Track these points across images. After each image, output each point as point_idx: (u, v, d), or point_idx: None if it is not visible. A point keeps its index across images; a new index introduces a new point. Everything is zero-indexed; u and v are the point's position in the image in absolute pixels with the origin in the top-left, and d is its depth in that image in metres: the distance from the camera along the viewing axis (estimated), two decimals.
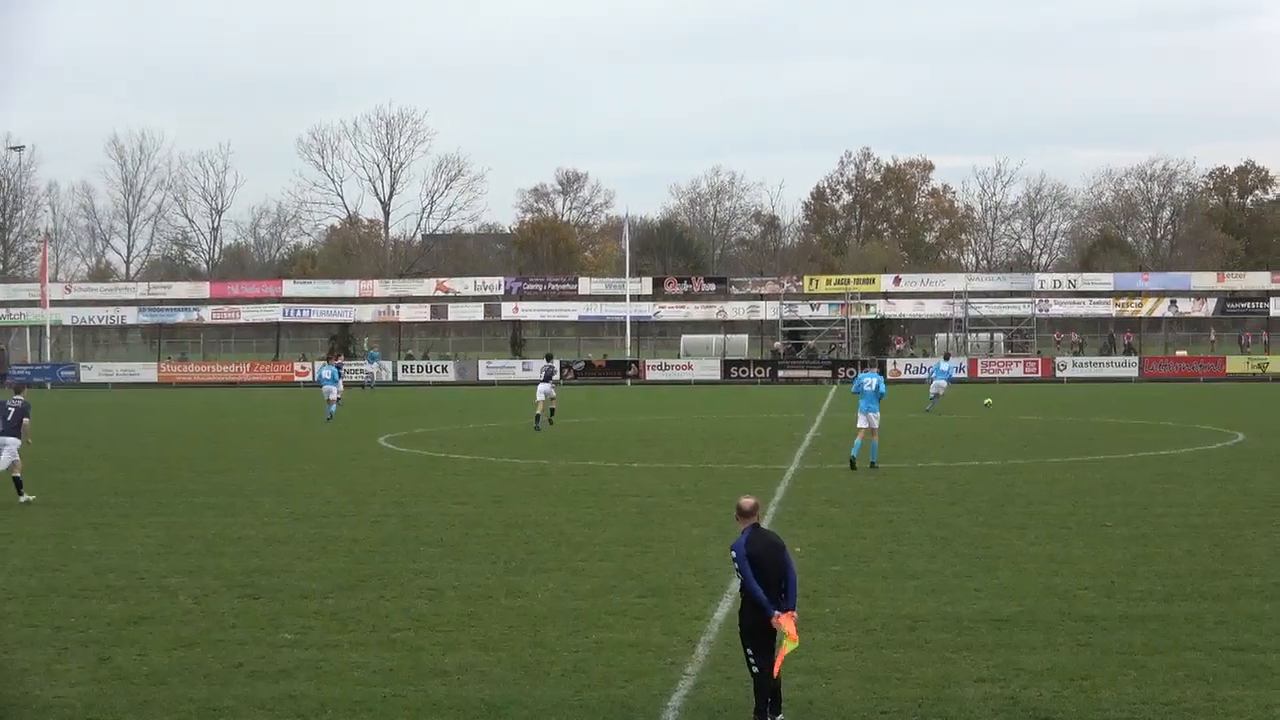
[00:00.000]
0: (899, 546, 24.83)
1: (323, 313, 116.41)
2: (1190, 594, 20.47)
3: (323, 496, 33.05)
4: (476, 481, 36.02)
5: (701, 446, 45.41)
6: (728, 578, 21.96)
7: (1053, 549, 24.13)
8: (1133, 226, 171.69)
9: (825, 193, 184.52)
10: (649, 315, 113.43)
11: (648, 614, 19.55)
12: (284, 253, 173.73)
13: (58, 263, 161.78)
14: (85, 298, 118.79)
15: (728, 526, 27.26)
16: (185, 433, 54.90)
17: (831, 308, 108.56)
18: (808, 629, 18.42)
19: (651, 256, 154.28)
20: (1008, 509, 29.60)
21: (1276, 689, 15.66)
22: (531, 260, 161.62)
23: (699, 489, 33.71)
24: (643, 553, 24.55)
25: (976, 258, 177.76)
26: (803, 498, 31.78)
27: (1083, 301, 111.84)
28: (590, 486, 34.50)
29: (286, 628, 19.04)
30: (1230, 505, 29.84)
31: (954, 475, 36.06)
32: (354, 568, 23.43)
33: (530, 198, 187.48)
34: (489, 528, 27.75)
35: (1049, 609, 19.43)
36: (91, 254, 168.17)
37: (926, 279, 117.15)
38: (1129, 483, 33.94)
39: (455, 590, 21.37)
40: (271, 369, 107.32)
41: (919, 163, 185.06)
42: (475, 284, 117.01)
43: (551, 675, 16.52)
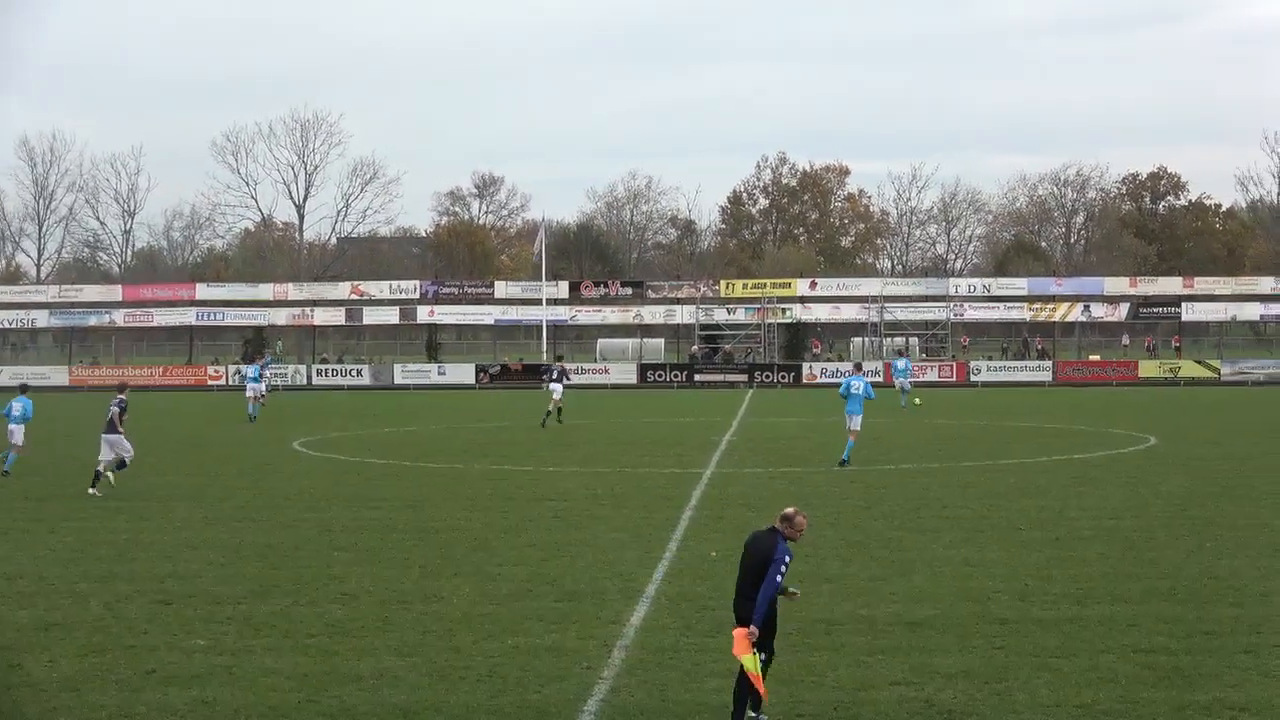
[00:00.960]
0: (814, 550, 24.87)
1: (236, 316, 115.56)
2: (1103, 597, 20.65)
3: (236, 501, 32.85)
4: (391, 486, 35.90)
5: (618, 450, 45.42)
6: (644, 581, 22.03)
7: (967, 553, 24.30)
8: (1046, 232, 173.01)
9: (742, 197, 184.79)
10: (565, 319, 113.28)
11: (564, 618, 19.54)
12: (197, 256, 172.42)
13: None
14: None
15: (645, 530, 27.41)
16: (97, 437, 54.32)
17: (748, 312, 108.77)
18: (722, 633, 18.50)
19: (568, 260, 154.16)
20: (922, 513, 29.76)
21: (1189, 690, 15.82)
22: (447, 264, 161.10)
23: (615, 493, 33.72)
24: (559, 557, 24.54)
25: (892, 262, 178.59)
26: (719, 502, 31.85)
27: (997, 306, 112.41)
28: (506, 491, 34.45)
29: (199, 634, 18.92)
30: (1142, 509, 30.11)
31: (869, 479, 36.21)
32: (268, 573, 23.31)
33: (446, 201, 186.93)
34: (404, 532, 27.67)
35: (963, 612, 19.55)
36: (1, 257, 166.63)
37: (842, 283, 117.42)
38: (1043, 486, 34.19)
39: (370, 595, 21.30)
40: (185, 373, 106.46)
41: (835, 167, 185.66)
42: (390, 287, 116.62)
43: (467, 680, 16.50)
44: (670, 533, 27.19)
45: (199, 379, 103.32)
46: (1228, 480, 35.20)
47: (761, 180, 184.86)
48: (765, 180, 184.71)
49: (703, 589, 21.38)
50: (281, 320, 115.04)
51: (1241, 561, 23.57)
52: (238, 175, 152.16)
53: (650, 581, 22.11)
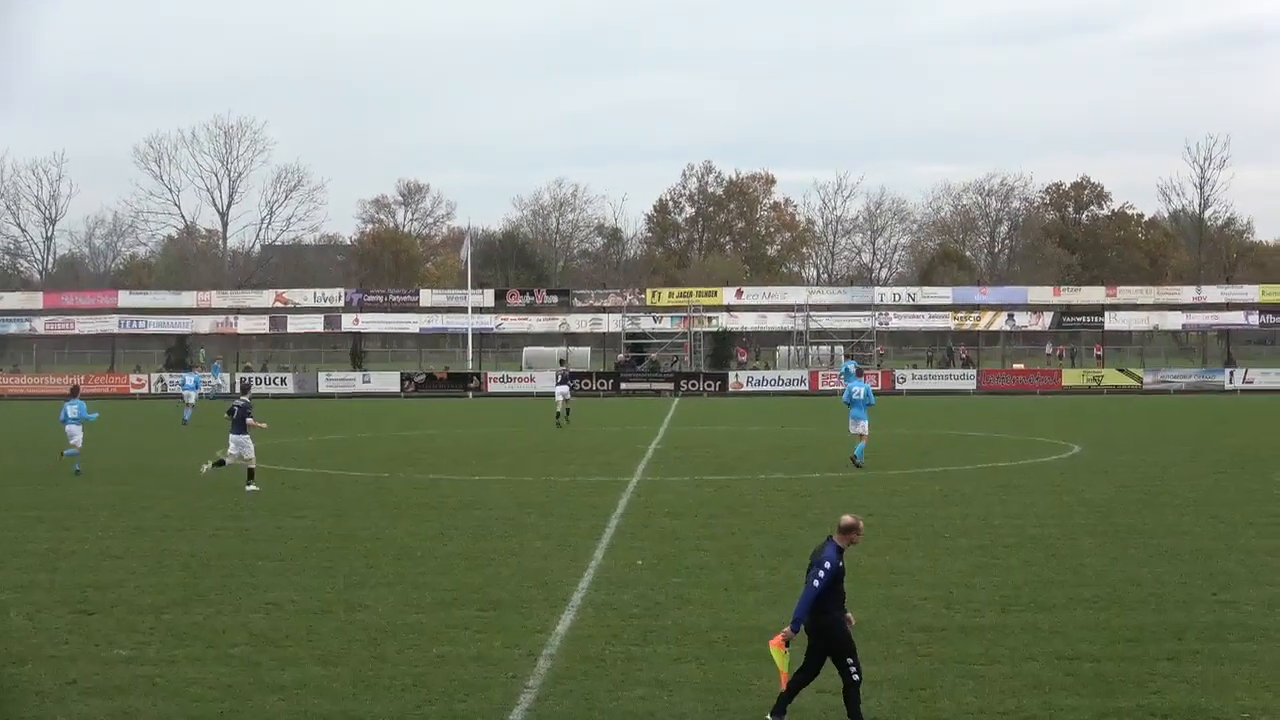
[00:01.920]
0: (741, 558, 24.95)
1: (159, 324, 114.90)
2: (1027, 604, 20.76)
3: (159, 510, 32.61)
4: (316, 495, 35.72)
5: (544, 459, 45.35)
6: (570, 590, 21.99)
7: (892, 560, 24.39)
8: (971, 241, 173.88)
9: (668, 205, 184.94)
10: (491, 327, 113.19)
11: (489, 627, 19.48)
12: (120, 263, 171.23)
13: None
14: None
15: (571, 539, 27.38)
16: (17, 445, 53.99)
17: (674, 320, 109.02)
18: (648, 641, 18.51)
19: (494, 268, 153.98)
20: None
21: (1111, 697, 15.91)
22: (372, 272, 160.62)
23: (541, 502, 33.66)
24: (484, 566, 24.47)
25: (818, 271, 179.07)
26: (645, 510, 31.83)
27: (922, 315, 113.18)
28: (431, 500, 34.34)
29: (121, 644, 18.77)
30: (1066, 516, 30.29)
31: (795, 487, 36.31)
32: (191, 582, 23.15)
33: (371, 209, 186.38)
34: (328, 542, 27.53)
35: (888, 620, 19.60)
36: None
37: (768, 292, 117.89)
38: (967, 494, 34.36)
39: (294, 605, 21.18)
40: (107, 381, 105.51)
41: (761, 176, 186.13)
42: (315, 295, 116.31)
43: (392, 689, 16.43)
44: (596, 541, 27.16)
45: (121, 387, 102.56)
46: (1150, 488, 35.45)
47: (688, 189, 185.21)
48: (691, 189, 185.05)
49: (629, 597, 21.38)
50: (205, 328, 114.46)
51: (1164, 568, 23.73)
52: (161, 182, 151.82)
53: (576, 590, 22.07)
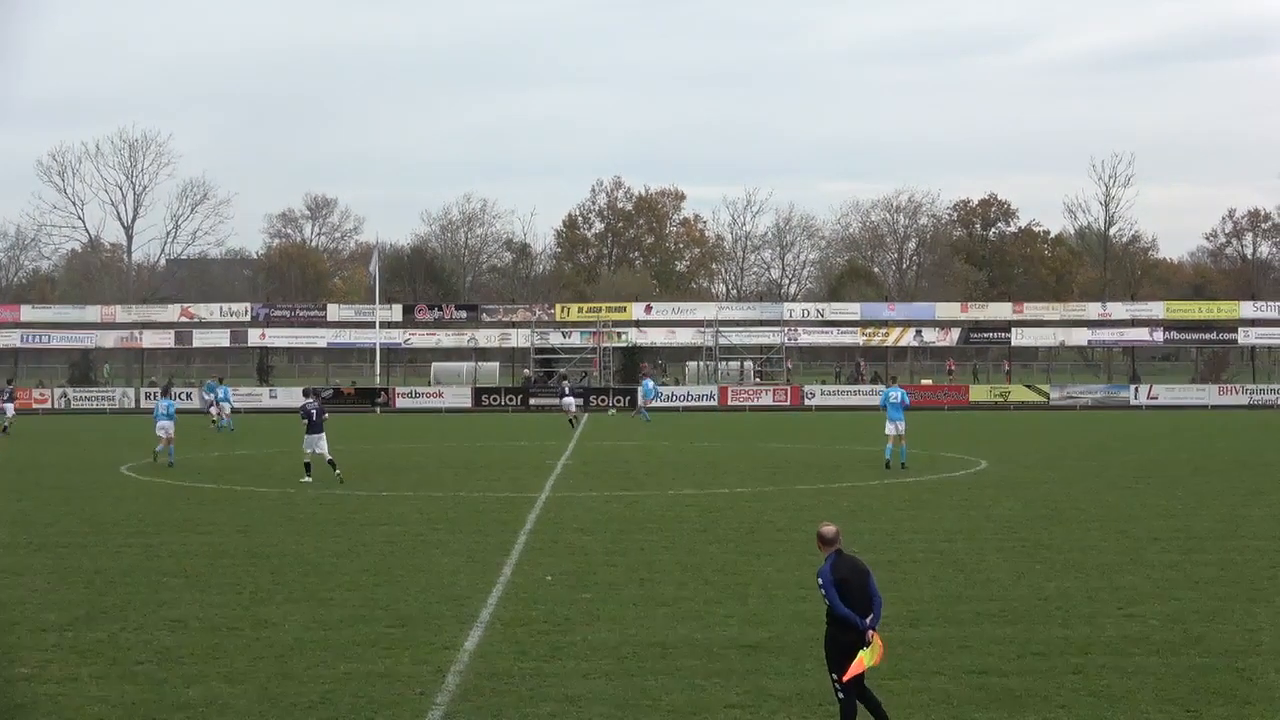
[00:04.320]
0: (650, 574, 24.98)
1: (63, 339, 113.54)
2: (935, 619, 20.88)
3: (62, 526, 32.31)
4: (221, 511, 35.47)
5: (452, 475, 45.25)
6: (478, 606, 21.93)
7: (801, 575, 24.39)
8: (879, 257, 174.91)
9: (577, 221, 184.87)
10: (399, 342, 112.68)
11: (397, 644, 19.41)
12: (22, 277, 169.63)
13: None
14: None
15: (479, 554, 27.33)
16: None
17: (584, 335, 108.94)
18: (557, 657, 18.50)
19: (402, 283, 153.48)
20: (757, 536, 29.93)
21: (1019, 711, 16.03)
22: (280, 286, 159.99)
23: (449, 517, 33.58)
24: (392, 582, 24.39)
25: (727, 287, 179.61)
26: (554, 526, 31.81)
27: (831, 331, 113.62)
28: (339, 516, 34.19)
29: (23, 661, 18.57)
30: (973, 531, 30.49)
31: (705, 502, 36.38)
32: (94, 599, 22.94)
33: (278, 223, 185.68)
34: (234, 558, 27.36)
35: (797, 635, 19.67)
36: None
37: (678, 307, 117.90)
38: (876, 510, 34.54)
39: (199, 621, 21.03)
40: None
41: (670, 192, 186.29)
42: (221, 310, 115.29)
43: (299, 707, 16.34)
44: (505, 557, 27.11)
45: (24, 402, 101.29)
46: (1057, 503, 35.74)
47: (597, 204, 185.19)
48: (601, 204, 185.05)
49: (538, 613, 21.36)
50: (110, 343, 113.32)
51: (1070, 583, 23.93)
52: (64, 195, 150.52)
53: (485, 606, 22.02)
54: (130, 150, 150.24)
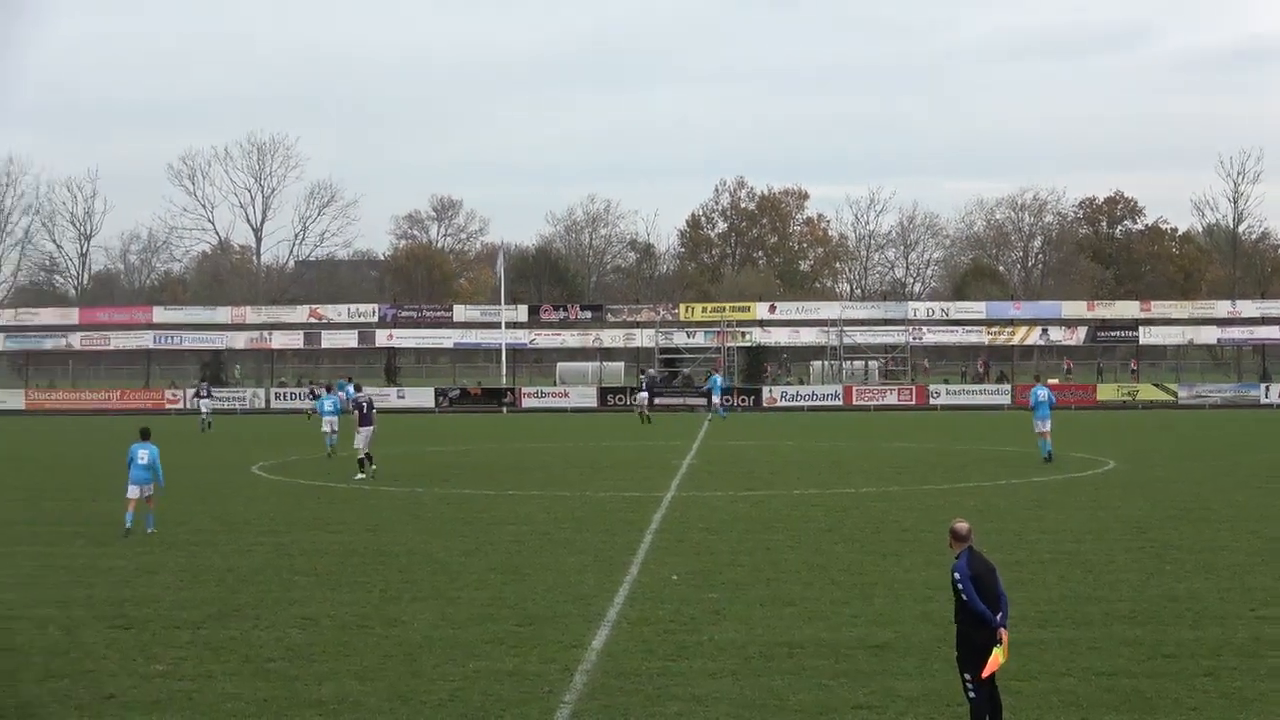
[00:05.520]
0: (776, 574, 24.91)
1: (194, 340, 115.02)
2: (1063, 620, 20.68)
3: (194, 525, 32.70)
4: (351, 510, 35.77)
5: (578, 474, 45.35)
6: (605, 605, 21.95)
7: (928, 575, 24.28)
8: (1004, 256, 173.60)
9: (700, 221, 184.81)
10: (524, 343, 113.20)
11: (524, 642, 19.48)
12: (155, 279, 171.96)
13: None
14: None
15: (606, 554, 27.34)
16: (54, 461, 54.19)
17: (707, 335, 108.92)
18: (684, 657, 18.49)
19: (527, 284, 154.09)
20: (883, 536, 29.78)
21: (1149, 714, 15.85)
22: (406, 287, 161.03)
23: (576, 517, 33.66)
24: (520, 581, 24.47)
25: (851, 286, 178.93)
26: (680, 525, 31.79)
27: (955, 330, 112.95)
28: (466, 515, 34.36)
29: (158, 659, 18.81)
30: (1102, 532, 30.17)
31: (831, 502, 36.24)
32: (227, 597, 23.20)
33: (404, 224, 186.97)
34: (364, 556, 27.57)
35: (925, 635, 19.56)
36: None
37: (801, 307, 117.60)
38: (1002, 510, 34.26)
39: (330, 619, 21.21)
40: (142, 396, 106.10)
41: (794, 191, 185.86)
42: (349, 311, 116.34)
43: (428, 705, 16.43)
44: (631, 556, 27.15)
45: (156, 402, 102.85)
46: (1186, 503, 35.31)
47: (720, 204, 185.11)
48: (724, 204, 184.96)
49: (664, 612, 21.36)
50: (239, 344, 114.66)
51: (1201, 584, 23.63)
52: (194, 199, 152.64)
53: (611, 605, 22.06)
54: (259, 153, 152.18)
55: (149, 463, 31.77)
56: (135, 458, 31.76)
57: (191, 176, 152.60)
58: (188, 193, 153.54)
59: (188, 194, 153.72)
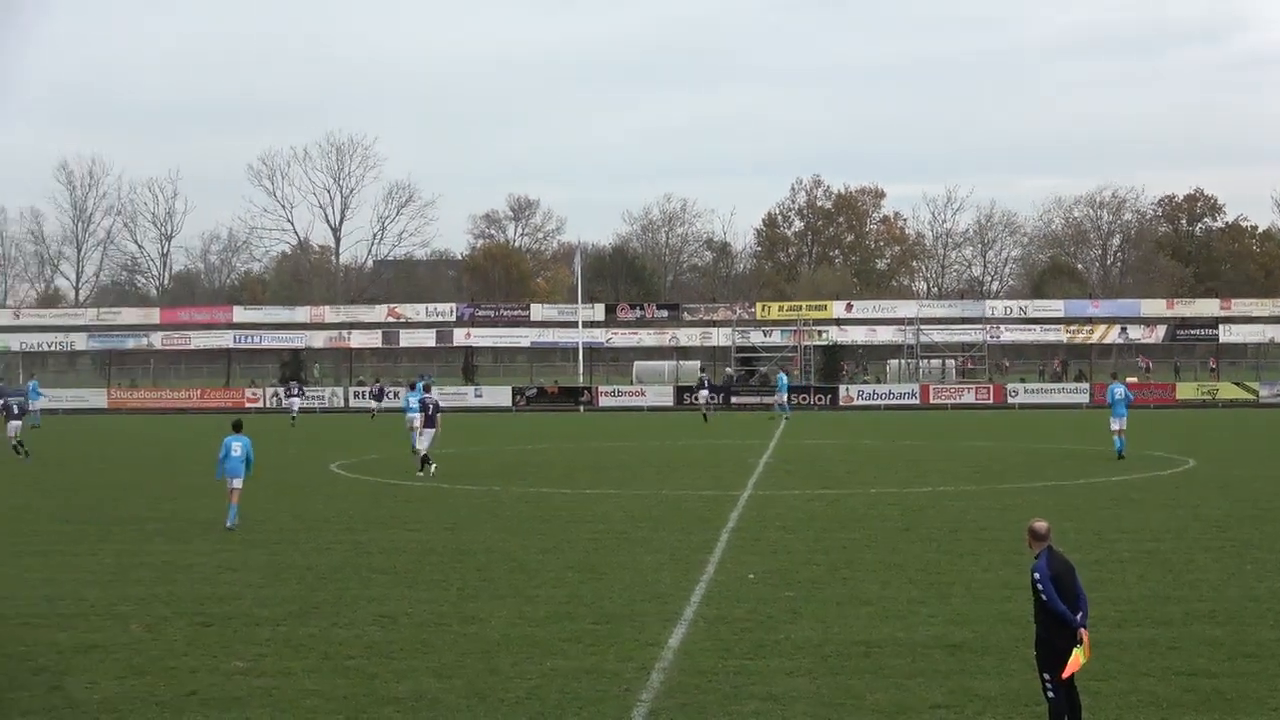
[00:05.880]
0: (853, 573, 24.85)
1: (273, 339, 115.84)
2: (1143, 620, 20.55)
3: (274, 523, 32.88)
4: (429, 508, 35.90)
5: (655, 472, 45.37)
6: (682, 604, 21.95)
7: (1006, 575, 24.16)
8: (1082, 254, 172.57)
9: (777, 219, 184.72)
10: (601, 341, 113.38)
11: (602, 641, 19.51)
12: (235, 279, 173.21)
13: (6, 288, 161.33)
14: (34, 324, 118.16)
15: (683, 552, 27.34)
16: (135, 460, 54.64)
17: (784, 334, 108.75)
18: (760, 655, 18.47)
19: (604, 283, 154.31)
20: (961, 535, 29.65)
21: (1230, 714, 15.73)
22: (483, 287, 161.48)
23: (653, 515, 33.68)
24: (597, 579, 24.50)
25: (928, 284, 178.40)
26: (756, 524, 31.76)
27: (1033, 328, 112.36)
28: (544, 513, 34.45)
29: (239, 655, 18.93)
30: (1182, 531, 29.95)
31: (907, 501, 36.12)
32: (306, 595, 23.34)
33: (482, 224, 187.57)
34: (441, 555, 27.67)
35: (1003, 635, 19.48)
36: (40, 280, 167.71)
37: (878, 305, 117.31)
38: (1081, 509, 34.04)
39: (408, 617, 21.30)
40: (222, 395, 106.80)
41: (870, 190, 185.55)
42: (427, 310, 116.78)
43: (506, 702, 16.48)
44: (708, 555, 27.14)
45: (236, 401, 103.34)
46: (1267, 502, 35.01)
47: (796, 203, 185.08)
48: (800, 203, 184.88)
49: (741, 611, 21.34)
50: (318, 343, 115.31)
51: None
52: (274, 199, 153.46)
53: (688, 604, 22.06)
54: (337, 153, 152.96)
55: (242, 454, 32.40)
56: (229, 450, 32.45)
57: (271, 177, 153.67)
58: (267, 193, 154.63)
59: (267, 194, 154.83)
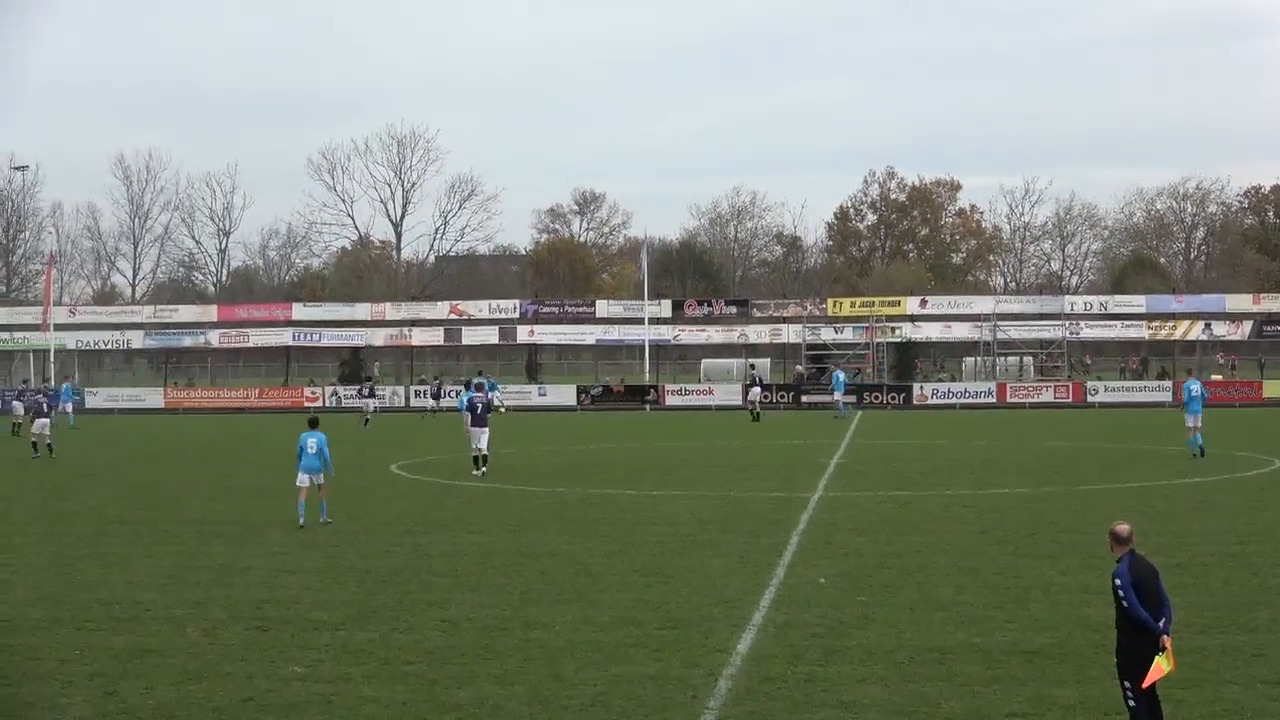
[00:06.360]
0: (927, 577, 24.76)
1: (333, 336, 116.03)
2: (1228, 626, 20.39)
3: (333, 525, 32.98)
4: (491, 510, 35.98)
5: (723, 474, 45.31)
6: (751, 608, 21.90)
7: (1085, 579, 24.02)
8: (1165, 247, 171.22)
9: (849, 213, 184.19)
10: (668, 339, 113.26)
11: (668, 646, 19.49)
12: (293, 275, 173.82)
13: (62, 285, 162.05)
14: (90, 321, 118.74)
15: (751, 555, 27.29)
16: (192, 460, 54.96)
17: (856, 331, 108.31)
18: (831, 662, 18.40)
19: (671, 278, 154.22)
20: (1039, 538, 29.50)
21: None
22: (547, 282, 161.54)
23: (721, 517, 33.65)
24: (663, 583, 24.49)
25: (1005, 279, 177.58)
26: (827, 526, 31.70)
27: (1114, 325, 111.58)
28: (608, 515, 34.46)
29: (296, 660, 19.01)
30: (1268, 534, 29.72)
31: (983, 503, 35.97)
32: (365, 598, 23.40)
33: (546, 218, 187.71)
34: (504, 557, 27.71)
35: (1082, 641, 19.36)
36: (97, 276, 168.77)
37: (954, 301, 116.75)
38: (1163, 511, 33.83)
39: (470, 622, 21.33)
40: (281, 394, 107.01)
41: (945, 182, 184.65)
42: (490, 307, 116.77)
43: (570, 709, 16.47)
44: (778, 558, 27.09)
45: (296, 400, 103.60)
46: None
47: (869, 195, 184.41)
48: (873, 195, 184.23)
49: (811, 616, 21.28)
50: (379, 341, 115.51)
51: None
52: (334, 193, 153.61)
53: (757, 608, 22.01)
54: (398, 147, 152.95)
55: (318, 451, 32.99)
56: (305, 447, 33.09)
57: (331, 171, 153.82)
58: (327, 187, 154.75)
59: (327, 189, 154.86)
